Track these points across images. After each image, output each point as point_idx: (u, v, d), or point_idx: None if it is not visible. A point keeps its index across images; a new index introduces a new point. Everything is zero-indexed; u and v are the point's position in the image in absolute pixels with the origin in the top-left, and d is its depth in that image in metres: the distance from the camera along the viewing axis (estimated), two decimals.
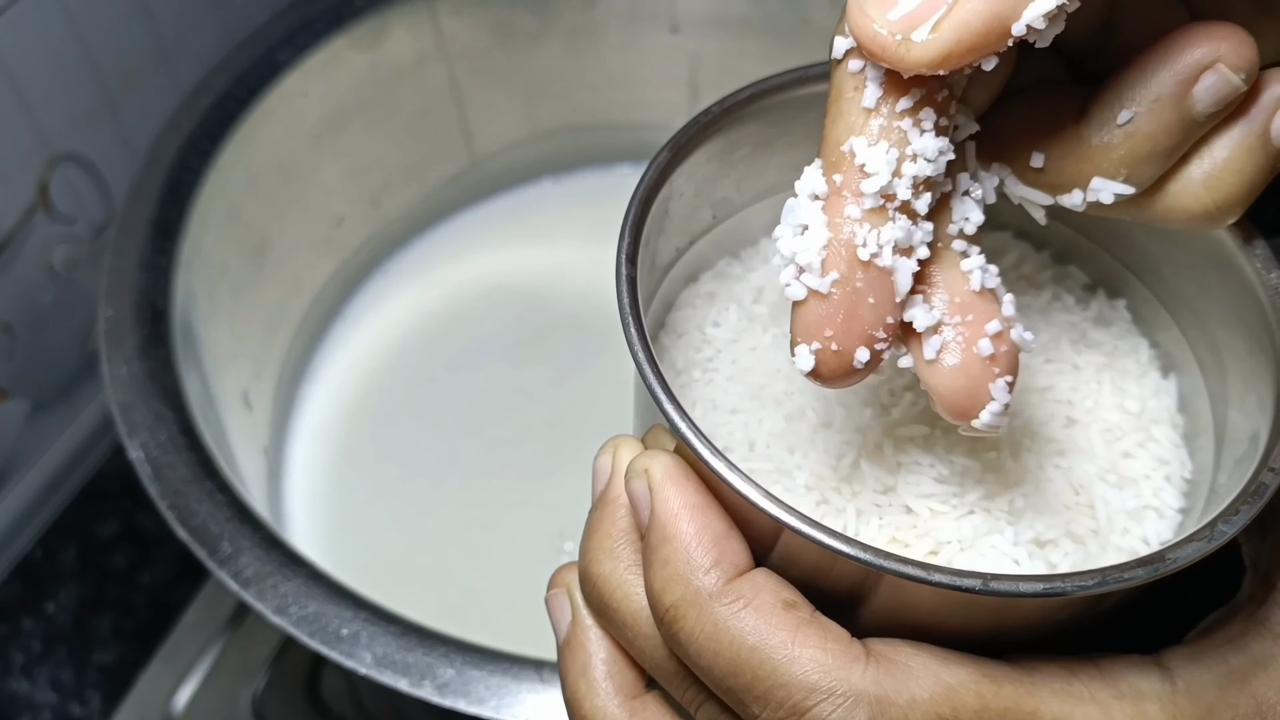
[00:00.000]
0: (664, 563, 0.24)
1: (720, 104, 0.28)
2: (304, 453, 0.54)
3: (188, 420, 0.40)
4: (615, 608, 0.25)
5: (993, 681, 0.23)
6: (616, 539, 0.26)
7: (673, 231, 0.29)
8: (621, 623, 0.25)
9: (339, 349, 0.58)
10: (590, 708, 0.26)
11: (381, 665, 0.34)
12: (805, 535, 0.22)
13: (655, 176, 0.27)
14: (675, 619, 0.23)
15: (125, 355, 0.41)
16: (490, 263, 0.61)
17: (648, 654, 0.25)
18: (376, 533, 0.52)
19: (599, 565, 0.26)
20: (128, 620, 0.64)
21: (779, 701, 0.22)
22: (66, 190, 0.59)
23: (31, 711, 0.61)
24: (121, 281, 0.42)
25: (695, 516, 0.24)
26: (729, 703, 0.24)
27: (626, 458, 0.26)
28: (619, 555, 0.26)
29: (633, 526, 0.26)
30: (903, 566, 0.22)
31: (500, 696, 0.33)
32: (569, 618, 0.27)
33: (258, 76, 0.48)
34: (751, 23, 0.57)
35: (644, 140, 0.63)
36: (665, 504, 0.24)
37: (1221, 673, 0.24)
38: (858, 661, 0.23)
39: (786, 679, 0.22)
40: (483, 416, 0.55)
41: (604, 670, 0.26)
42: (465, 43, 0.56)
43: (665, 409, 0.23)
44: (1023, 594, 0.22)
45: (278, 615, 0.35)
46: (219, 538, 0.37)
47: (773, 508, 0.22)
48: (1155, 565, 0.22)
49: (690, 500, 0.24)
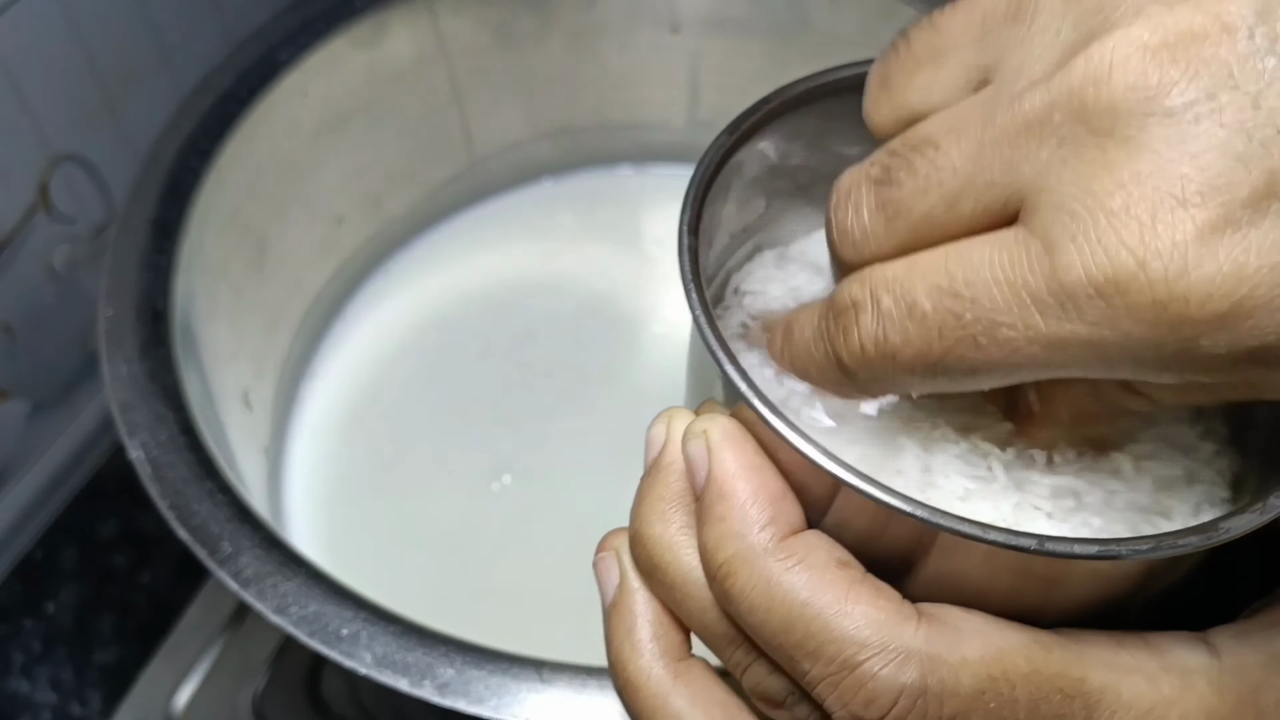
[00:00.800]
0: (719, 519, 0.24)
1: (780, 92, 0.29)
2: (304, 453, 0.54)
3: (188, 420, 0.40)
4: (665, 568, 0.26)
5: (1043, 647, 0.23)
6: (669, 502, 0.26)
7: (730, 215, 0.30)
8: (671, 584, 0.26)
9: (339, 349, 0.58)
10: (635, 669, 0.26)
11: (382, 665, 0.34)
12: (862, 491, 0.22)
13: (715, 155, 0.28)
14: (728, 574, 0.24)
15: (125, 355, 0.41)
16: (490, 263, 0.61)
17: (696, 615, 0.25)
18: (376, 533, 0.52)
19: (650, 527, 0.26)
20: (128, 620, 0.64)
21: (830, 657, 0.22)
22: (66, 190, 0.59)
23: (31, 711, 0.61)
24: (122, 281, 0.42)
25: (752, 476, 0.24)
26: (779, 660, 0.24)
27: (681, 426, 0.26)
28: (670, 518, 0.26)
29: (686, 491, 0.26)
30: (959, 524, 0.22)
31: (500, 696, 0.33)
32: (616, 580, 0.27)
33: (258, 76, 0.48)
34: (751, 23, 0.57)
35: (644, 140, 0.63)
36: (722, 464, 0.24)
37: (1268, 654, 0.24)
38: (910, 620, 0.23)
39: (838, 634, 0.22)
40: (483, 416, 0.55)
41: (650, 632, 0.26)
42: (465, 43, 0.56)
43: (725, 369, 0.24)
44: (1077, 555, 0.22)
45: (278, 615, 0.35)
46: (219, 538, 0.37)
47: (831, 464, 0.23)
48: (1209, 534, 0.22)
49: (748, 460, 0.24)
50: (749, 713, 0.26)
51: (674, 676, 0.26)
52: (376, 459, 0.54)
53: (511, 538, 0.51)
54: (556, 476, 0.53)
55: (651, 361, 0.57)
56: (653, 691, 0.26)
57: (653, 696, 0.26)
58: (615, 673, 0.27)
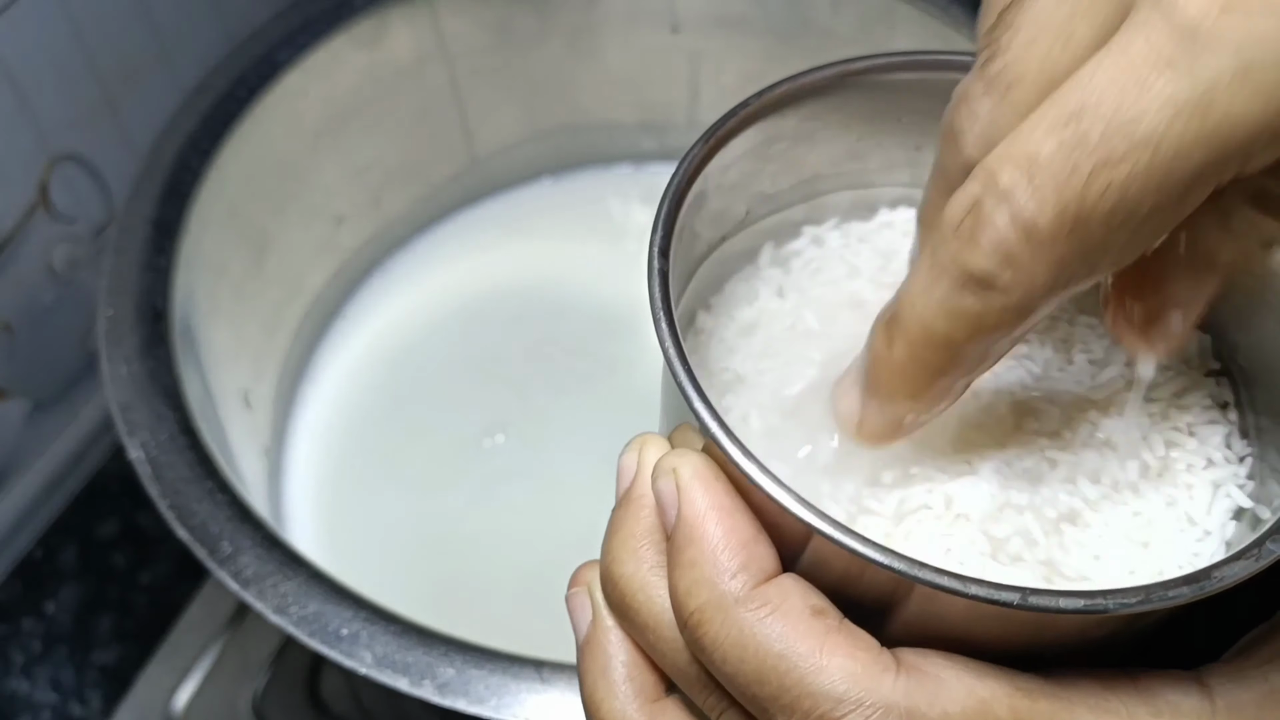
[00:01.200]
0: (689, 565, 0.23)
1: (758, 96, 0.28)
2: (304, 453, 0.54)
3: (188, 420, 0.40)
4: (637, 609, 0.25)
5: (1026, 695, 0.22)
6: (640, 539, 0.25)
7: (705, 226, 0.29)
8: (643, 625, 0.25)
9: (339, 349, 0.58)
10: (609, 710, 0.26)
11: (382, 665, 0.34)
12: (836, 541, 0.22)
13: (691, 168, 0.27)
14: (699, 623, 0.23)
15: (125, 355, 0.41)
16: (490, 263, 0.61)
17: (669, 658, 0.25)
18: (376, 532, 0.52)
19: (621, 565, 0.25)
20: (128, 620, 0.64)
21: (805, 711, 0.22)
22: (66, 190, 0.59)
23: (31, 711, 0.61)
24: (121, 281, 0.42)
25: (723, 519, 0.23)
26: (753, 711, 0.23)
27: (653, 456, 0.25)
28: (642, 556, 0.25)
29: (657, 526, 0.25)
30: (937, 578, 0.21)
31: (500, 696, 0.33)
32: (589, 617, 0.27)
33: (258, 76, 0.48)
34: (751, 23, 0.57)
35: (644, 140, 0.63)
36: (692, 505, 0.23)
37: (1263, 691, 0.23)
38: (888, 672, 0.22)
39: (814, 688, 0.22)
40: (483, 416, 0.55)
41: (624, 673, 0.26)
42: (465, 42, 0.56)
43: (695, 407, 0.23)
44: (1062, 610, 0.21)
45: (278, 615, 0.35)
46: (219, 537, 0.37)
47: (803, 511, 0.22)
48: (1201, 583, 0.22)
49: (718, 502, 0.23)
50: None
51: (648, 718, 0.25)
52: (376, 459, 0.54)
53: (512, 539, 0.51)
54: (557, 478, 0.53)
55: (651, 361, 0.57)
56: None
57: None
58: (589, 713, 0.26)
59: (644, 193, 0.64)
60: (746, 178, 0.29)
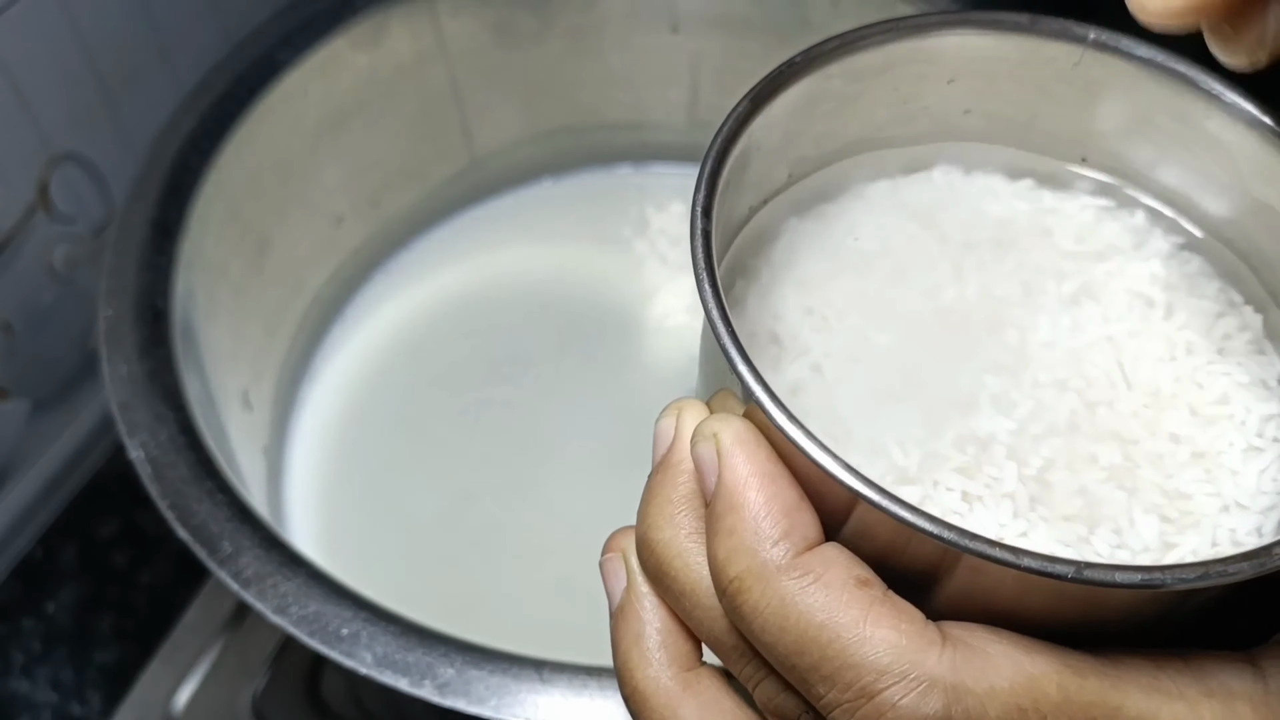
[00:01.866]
0: (729, 532, 0.23)
1: (804, 54, 0.27)
2: (304, 453, 0.54)
3: (188, 420, 0.40)
4: (674, 576, 0.24)
5: (1076, 674, 0.22)
6: (677, 505, 0.25)
7: (747, 188, 0.28)
8: (679, 592, 0.24)
9: (339, 349, 0.58)
10: (642, 678, 0.25)
11: (382, 665, 0.34)
12: (883, 509, 0.21)
13: (734, 127, 0.26)
14: (739, 591, 0.22)
15: (125, 355, 0.41)
16: (490, 263, 0.61)
17: (705, 626, 0.24)
18: (376, 532, 0.52)
19: (658, 531, 0.25)
20: (128, 620, 0.64)
21: (847, 683, 0.21)
22: (66, 190, 0.59)
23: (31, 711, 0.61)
24: (122, 281, 0.42)
25: (765, 485, 0.23)
26: (792, 681, 0.23)
27: (691, 421, 0.25)
28: (679, 522, 0.25)
29: (695, 493, 0.25)
30: (988, 548, 0.21)
31: (500, 696, 0.33)
32: (623, 584, 0.26)
33: (258, 76, 0.48)
34: (751, 23, 0.57)
35: (644, 140, 0.63)
36: (734, 470, 0.23)
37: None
38: (933, 645, 0.22)
39: (857, 659, 0.21)
40: (483, 416, 0.55)
41: (658, 640, 0.25)
42: (465, 43, 0.56)
43: (739, 369, 0.22)
44: (1118, 584, 0.21)
45: (278, 615, 0.35)
46: (219, 537, 0.37)
47: (849, 478, 0.21)
48: (1261, 560, 0.21)
49: (760, 468, 0.23)
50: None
51: (683, 687, 0.25)
52: (376, 459, 0.54)
53: (512, 537, 0.51)
54: (557, 476, 0.53)
55: (651, 361, 0.57)
56: (661, 702, 0.25)
57: (661, 707, 0.25)
58: (622, 681, 0.26)
59: (644, 193, 0.64)
60: (790, 139, 0.28)
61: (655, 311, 0.59)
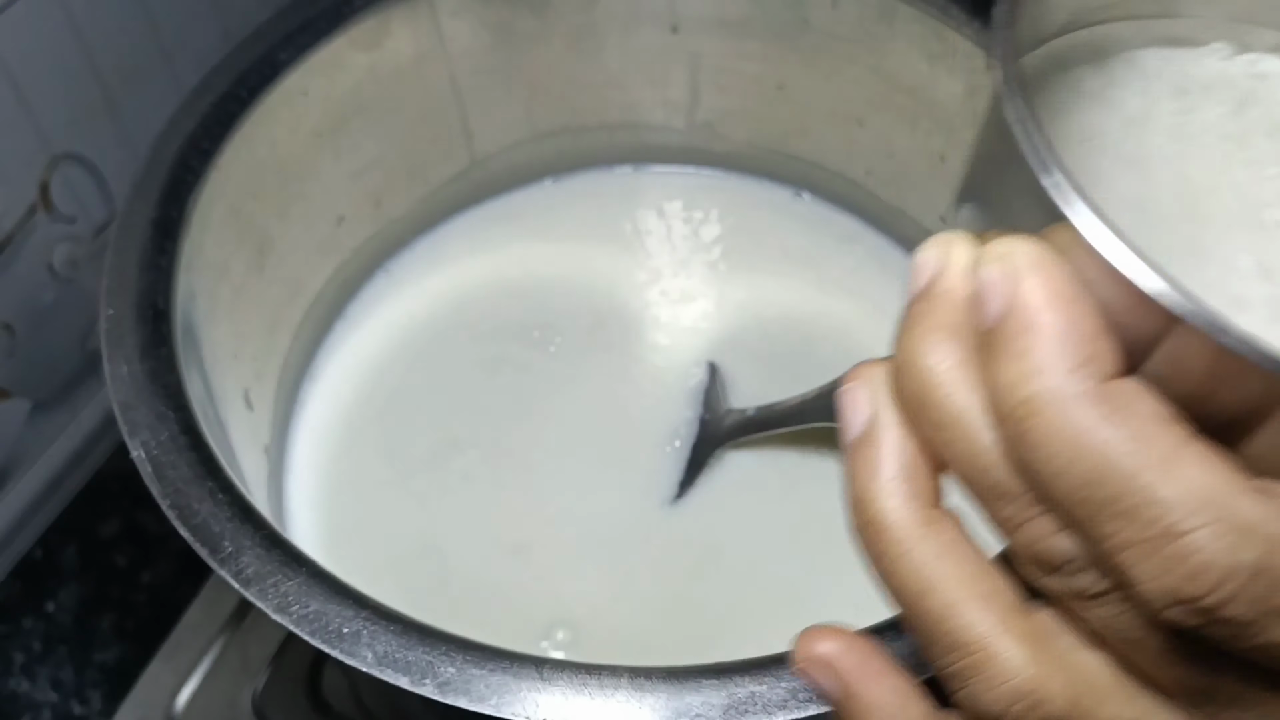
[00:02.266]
0: (1020, 355, 0.21)
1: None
2: (305, 452, 0.54)
3: (189, 420, 0.40)
4: (938, 404, 0.23)
5: None
6: (946, 332, 0.23)
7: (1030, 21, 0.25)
8: (941, 421, 0.23)
9: (340, 348, 0.58)
10: (880, 509, 0.24)
11: (383, 663, 0.34)
12: (1211, 332, 0.19)
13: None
14: (1030, 414, 0.21)
15: (126, 355, 0.41)
16: (491, 263, 0.61)
17: (967, 459, 0.23)
18: (378, 532, 0.52)
19: (923, 358, 0.23)
20: (129, 619, 0.64)
21: (1149, 520, 0.19)
22: (67, 190, 0.59)
23: (32, 711, 0.61)
24: (122, 281, 0.42)
25: (1065, 308, 0.21)
26: (1075, 518, 0.21)
27: (964, 251, 0.23)
28: (947, 350, 0.23)
29: (965, 324, 0.23)
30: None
31: (501, 694, 0.33)
32: (866, 413, 0.25)
33: (258, 76, 0.48)
34: (751, 23, 0.57)
35: (644, 140, 0.63)
36: (1030, 292, 0.21)
37: None
38: (1251, 493, 0.20)
39: (1163, 496, 0.19)
40: (484, 416, 0.55)
41: (902, 472, 0.24)
42: (465, 43, 0.56)
43: (1053, 174, 0.20)
44: None
45: (279, 614, 0.35)
46: (220, 537, 0.37)
47: (1170, 295, 0.19)
48: None
49: (1060, 290, 0.21)
50: (1004, 578, 0.23)
51: (924, 523, 0.24)
52: (378, 458, 0.54)
53: (513, 536, 0.51)
54: (558, 474, 0.53)
55: (651, 362, 0.57)
56: (899, 536, 0.24)
57: (898, 541, 0.24)
58: (857, 511, 0.24)
59: (644, 193, 0.64)
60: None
61: (655, 312, 0.59)
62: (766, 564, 0.51)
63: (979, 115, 0.51)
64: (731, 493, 0.52)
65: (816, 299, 0.59)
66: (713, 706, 0.33)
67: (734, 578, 0.50)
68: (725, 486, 0.52)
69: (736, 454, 0.53)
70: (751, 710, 0.33)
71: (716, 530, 0.51)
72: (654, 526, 0.51)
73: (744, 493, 0.52)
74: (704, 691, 0.33)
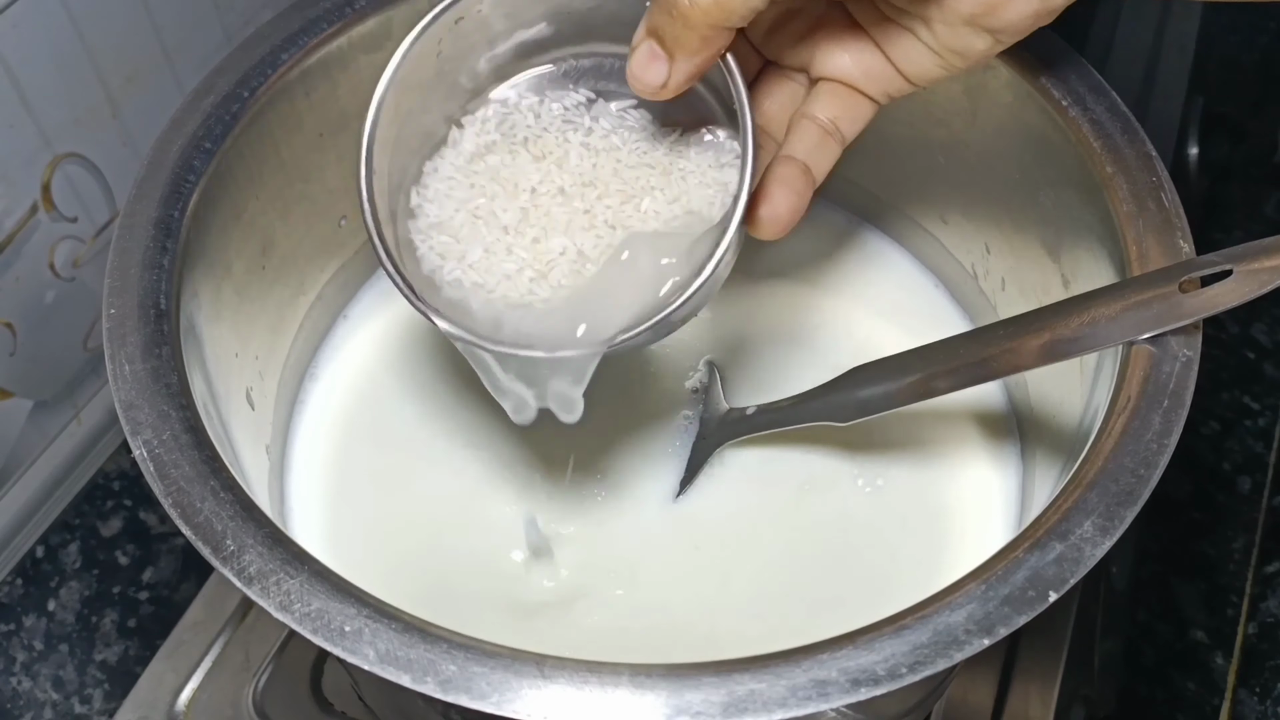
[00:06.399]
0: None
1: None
2: (307, 451, 0.55)
3: (191, 418, 0.40)
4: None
5: None
6: None
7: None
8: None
9: (342, 348, 0.58)
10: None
11: (385, 661, 0.34)
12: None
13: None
14: None
15: (128, 354, 0.41)
16: None
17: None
18: (379, 530, 0.52)
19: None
20: (130, 617, 0.64)
21: None
22: (68, 189, 0.59)
23: (34, 709, 0.61)
24: (124, 281, 0.43)
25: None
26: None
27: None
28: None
29: None
30: None
31: (502, 692, 0.33)
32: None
33: (260, 76, 0.48)
34: None
35: None
36: None
37: None
38: None
39: None
40: (486, 416, 0.55)
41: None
42: None
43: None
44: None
45: (281, 612, 0.35)
46: (222, 535, 0.37)
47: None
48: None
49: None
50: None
51: None
52: (379, 457, 0.55)
53: (515, 536, 0.51)
54: (563, 476, 0.53)
55: (652, 361, 0.57)
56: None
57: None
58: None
59: None
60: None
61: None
62: (766, 562, 0.51)
63: (978, 115, 0.51)
64: (731, 492, 0.52)
65: (816, 299, 0.59)
66: (712, 704, 0.33)
67: (734, 576, 0.50)
68: (725, 485, 0.53)
69: (736, 453, 0.53)
70: (751, 708, 0.33)
71: (716, 528, 0.51)
72: (654, 525, 0.51)
73: (744, 492, 0.52)
74: (704, 689, 0.33)
